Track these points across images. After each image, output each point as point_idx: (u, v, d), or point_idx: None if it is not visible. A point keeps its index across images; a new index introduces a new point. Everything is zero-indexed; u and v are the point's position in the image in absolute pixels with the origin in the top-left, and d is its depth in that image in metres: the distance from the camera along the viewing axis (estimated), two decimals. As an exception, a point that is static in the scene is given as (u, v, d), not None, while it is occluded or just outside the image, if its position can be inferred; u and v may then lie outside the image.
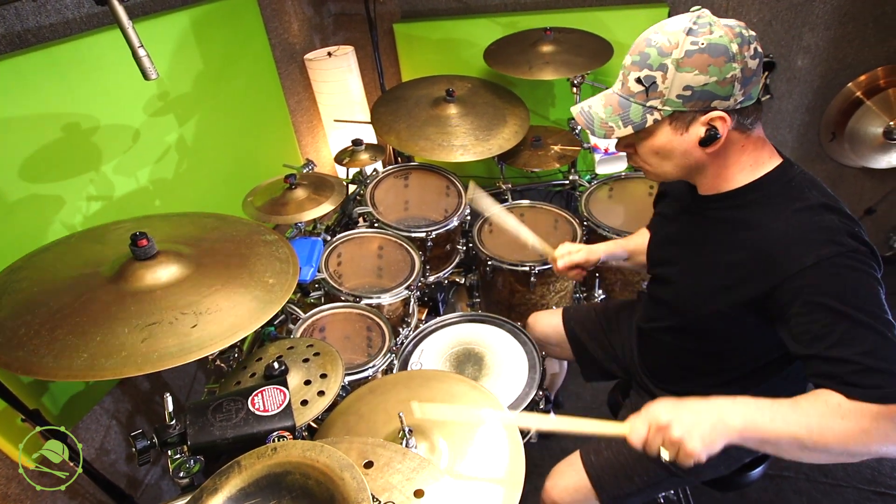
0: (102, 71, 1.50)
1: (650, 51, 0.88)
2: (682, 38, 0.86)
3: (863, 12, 2.11)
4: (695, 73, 0.85)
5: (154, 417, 1.85)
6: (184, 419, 0.84)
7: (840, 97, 2.28)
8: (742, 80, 0.86)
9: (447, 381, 1.23)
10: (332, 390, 1.05)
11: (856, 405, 0.78)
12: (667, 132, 0.92)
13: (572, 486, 1.22)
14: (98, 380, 0.84)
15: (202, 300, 1.00)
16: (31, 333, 0.90)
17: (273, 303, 1.02)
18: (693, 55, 0.85)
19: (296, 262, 1.16)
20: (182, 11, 1.78)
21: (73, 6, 1.49)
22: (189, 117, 1.82)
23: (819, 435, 0.78)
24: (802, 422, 0.79)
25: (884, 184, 2.38)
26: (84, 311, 0.95)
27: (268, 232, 1.28)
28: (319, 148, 2.77)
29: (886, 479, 1.77)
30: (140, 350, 0.88)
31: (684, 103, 0.88)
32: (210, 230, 1.27)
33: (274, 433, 0.84)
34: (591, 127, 0.97)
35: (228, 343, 0.93)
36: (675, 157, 0.95)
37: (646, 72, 0.89)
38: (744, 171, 0.95)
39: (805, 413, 0.80)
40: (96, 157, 1.51)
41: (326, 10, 2.68)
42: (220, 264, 1.11)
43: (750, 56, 0.85)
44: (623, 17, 2.34)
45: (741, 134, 0.92)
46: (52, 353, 0.87)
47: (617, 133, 0.94)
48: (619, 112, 0.93)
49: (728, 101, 0.87)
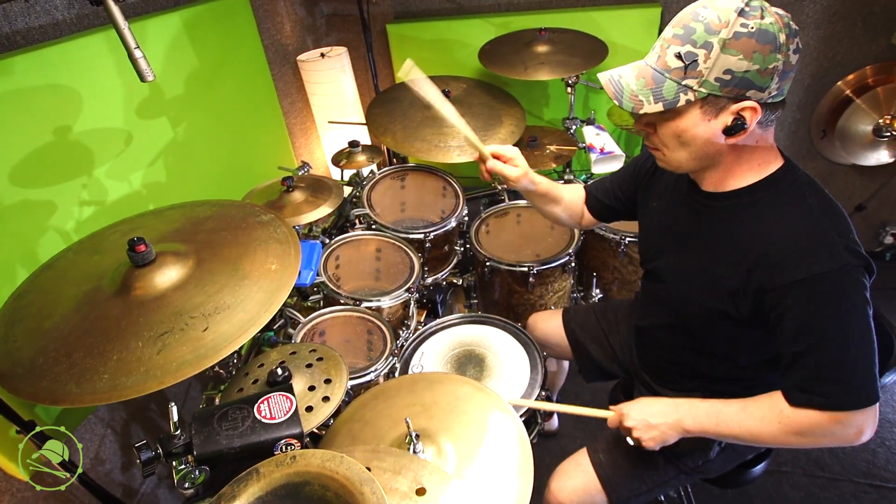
0: (93, 73, 1.48)
1: (696, 25, 0.82)
2: (734, 18, 0.80)
3: (851, 12, 2.14)
4: (739, 58, 0.80)
5: (149, 425, 1.82)
6: (188, 429, 0.83)
7: (830, 95, 2.31)
8: (782, 72, 0.82)
9: (451, 383, 1.22)
10: (336, 395, 1.03)
11: (795, 413, 0.90)
12: (695, 115, 0.87)
13: (581, 486, 1.20)
14: (122, 399, 0.82)
15: (208, 300, 0.97)
16: (49, 362, 0.88)
17: (279, 290, 1.00)
18: (741, 38, 0.80)
19: (296, 241, 1.14)
20: (173, 12, 1.75)
21: (63, 7, 1.46)
22: (182, 119, 1.79)
23: (753, 437, 0.95)
24: (744, 426, 0.95)
25: (873, 181, 2.41)
26: (95, 330, 0.93)
27: (262, 212, 1.24)
28: (313, 150, 2.75)
29: (881, 472, 1.80)
30: (157, 363, 0.86)
31: (721, 87, 0.83)
32: (204, 219, 1.23)
33: (281, 441, 0.83)
34: (620, 98, 0.90)
35: (244, 340, 0.91)
36: (695, 144, 0.90)
37: (688, 48, 0.83)
38: (753, 170, 0.93)
39: (749, 417, 0.95)
40: (88, 162, 1.48)
41: (319, 11, 2.66)
42: (221, 258, 1.08)
43: (793, 50, 0.82)
44: (616, 17, 2.35)
45: (761, 130, 0.89)
46: (74, 378, 0.85)
47: (646, 108, 0.88)
48: (652, 86, 0.87)
49: (763, 92, 0.83)
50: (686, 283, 1.07)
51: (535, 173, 1.26)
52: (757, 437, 0.95)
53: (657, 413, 1.04)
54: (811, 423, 0.89)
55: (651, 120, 0.93)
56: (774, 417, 0.92)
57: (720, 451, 1.18)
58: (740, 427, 0.96)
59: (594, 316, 1.52)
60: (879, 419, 0.91)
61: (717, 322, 1.02)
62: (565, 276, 1.93)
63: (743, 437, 0.96)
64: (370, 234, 1.79)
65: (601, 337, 1.49)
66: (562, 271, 1.90)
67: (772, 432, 0.93)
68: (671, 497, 1.71)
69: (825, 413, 0.88)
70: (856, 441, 0.89)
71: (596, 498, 1.20)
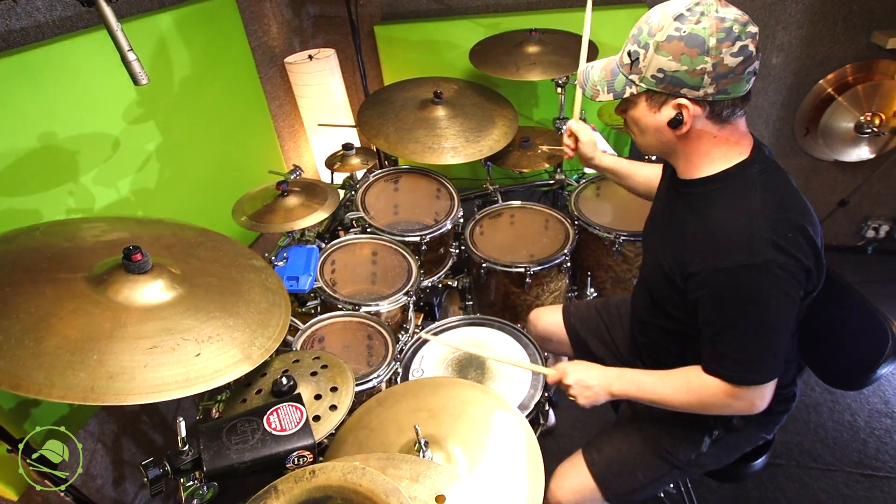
0: (79, 77, 1.43)
1: (644, 27, 0.93)
2: (669, 23, 0.89)
3: (832, 11, 2.19)
4: (669, 59, 0.89)
5: (141, 439, 1.78)
6: (196, 444, 0.80)
7: (812, 94, 2.36)
8: (714, 74, 0.87)
9: (456, 387, 1.21)
10: (344, 403, 1.02)
11: (701, 385, 1.03)
12: (643, 107, 0.98)
13: (577, 486, 1.23)
14: (99, 404, 0.77)
15: (201, 326, 0.94)
16: (11, 342, 0.80)
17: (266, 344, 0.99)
18: (672, 41, 0.88)
19: (286, 297, 1.14)
20: (159, 14, 1.71)
21: (45, 9, 1.42)
22: (170, 124, 1.75)
23: (665, 402, 1.08)
24: (658, 392, 1.08)
25: (855, 176, 2.47)
26: (72, 323, 0.86)
27: (254, 256, 1.23)
28: (302, 153, 2.71)
29: (872, 461, 1.84)
30: (144, 376, 0.82)
31: (657, 84, 0.92)
32: (195, 246, 1.20)
33: (293, 453, 0.80)
34: (585, 86, 1.05)
35: (235, 377, 0.88)
36: (649, 132, 1.00)
37: (635, 47, 0.94)
38: (713, 163, 0.98)
39: (664, 386, 1.08)
40: (74, 168, 1.44)
41: (305, 13, 2.62)
42: (214, 290, 1.05)
43: (731, 53, 0.86)
44: (603, 18, 2.36)
45: (715, 125, 0.95)
46: (42, 367, 0.78)
47: (600, 97, 1.01)
48: (609, 79, 1.00)
49: (697, 91, 0.90)
50: (656, 266, 1.12)
51: (603, 156, 1.49)
52: (668, 403, 1.08)
53: (593, 376, 1.15)
54: (711, 395, 1.02)
55: (622, 108, 1.04)
56: (684, 388, 1.05)
57: (712, 444, 1.20)
58: (655, 393, 1.09)
59: (595, 311, 1.53)
60: (868, 409, 0.97)
61: (681, 305, 1.07)
62: (561, 276, 1.94)
63: (658, 402, 1.09)
64: (366, 237, 1.77)
65: (602, 331, 1.50)
66: (558, 271, 1.90)
67: (680, 400, 1.06)
68: (671, 494, 1.72)
69: (725, 385, 1.00)
70: (748, 412, 1.02)
71: (593, 496, 1.22)
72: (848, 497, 1.75)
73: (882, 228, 2.57)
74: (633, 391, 1.12)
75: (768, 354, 0.97)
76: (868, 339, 1.21)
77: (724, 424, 1.18)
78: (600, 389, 1.14)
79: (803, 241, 0.92)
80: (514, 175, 2.60)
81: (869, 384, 1.23)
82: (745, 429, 1.19)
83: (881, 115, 2.22)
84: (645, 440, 1.23)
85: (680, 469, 1.21)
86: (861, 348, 1.24)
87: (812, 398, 2.05)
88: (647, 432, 1.23)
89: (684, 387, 1.06)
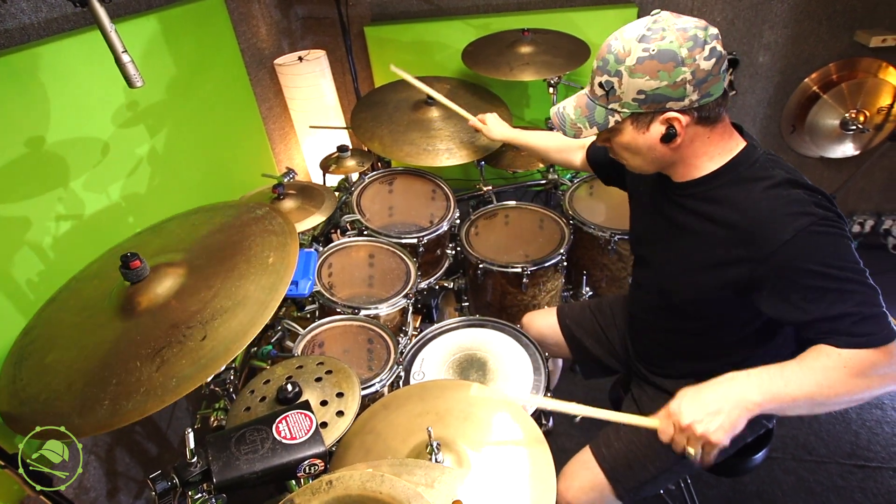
0: (66, 81, 1.39)
1: (609, 57, 0.93)
2: (635, 46, 0.90)
3: (817, 10, 2.23)
4: (646, 79, 0.90)
5: (135, 449, 1.74)
6: (205, 455, 0.78)
7: (798, 92, 2.40)
8: (694, 81, 0.89)
9: (463, 389, 1.20)
10: (351, 409, 1.00)
11: (853, 353, 0.87)
12: (630, 131, 0.98)
13: (587, 484, 1.22)
14: (125, 424, 0.78)
15: (205, 307, 0.94)
16: (52, 397, 0.85)
17: (278, 285, 0.96)
18: (644, 62, 0.89)
19: (293, 229, 1.10)
20: (147, 15, 1.68)
21: (30, 10, 1.38)
22: (160, 128, 1.71)
23: (829, 388, 0.87)
24: (813, 379, 0.88)
25: (840, 172, 2.52)
26: (94, 357, 0.89)
27: (257, 207, 1.20)
28: (293, 156, 2.68)
29: (864, 452, 1.87)
30: (157, 381, 0.83)
31: (640, 105, 0.93)
32: (199, 225, 1.19)
33: (305, 462, 0.79)
34: (564, 128, 1.04)
35: (245, 343, 0.88)
36: (642, 153, 1.00)
37: (605, 77, 0.94)
38: (713, 159, 0.99)
39: (812, 370, 0.88)
40: (64, 174, 1.40)
41: (294, 14, 2.59)
42: (214, 260, 1.04)
43: (704, 57, 0.88)
44: (593, 18, 2.38)
45: (705, 127, 0.96)
46: (76, 410, 0.82)
47: (585, 134, 1.01)
48: (587, 114, 1.00)
49: (682, 101, 0.91)
50: (669, 266, 1.12)
51: (516, 133, 1.68)
52: (829, 390, 0.87)
53: (712, 398, 0.91)
54: (871, 362, 0.86)
55: (605, 137, 1.03)
56: (837, 363, 0.87)
57: None
58: (810, 382, 0.88)
59: (589, 312, 1.54)
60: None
61: (704, 303, 1.07)
62: (557, 276, 1.94)
63: (814, 393, 0.88)
64: (363, 240, 1.75)
65: (598, 331, 1.50)
66: (554, 270, 1.90)
67: (840, 378, 0.87)
68: (671, 492, 1.73)
69: (877, 350, 0.86)
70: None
71: (604, 492, 1.21)
72: (842, 488, 1.78)
73: (867, 223, 2.63)
74: (779, 388, 0.89)
75: (880, 300, 0.88)
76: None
77: None
78: (733, 407, 0.89)
79: (829, 203, 0.93)
80: (507, 175, 2.60)
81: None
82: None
83: (865, 111, 2.27)
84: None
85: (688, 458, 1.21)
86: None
87: (804, 391, 2.08)
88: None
89: (834, 362, 0.87)
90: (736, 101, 2.49)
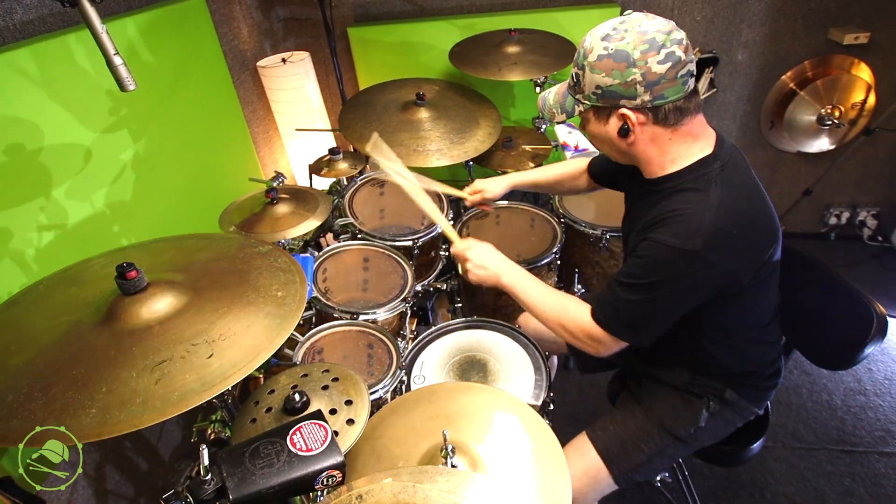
0: (45, 85, 1.34)
1: (580, 51, 1.01)
2: (598, 44, 0.96)
3: (792, 8, 2.29)
4: (602, 75, 0.97)
5: (126, 466, 1.68)
6: (218, 471, 0.75)
7: (776, 89, 2.46)
8: (645, 83, 0.94)
9: (470, 392, 1.19)
10: (361, 417, 0.98)
11: (579, 312, 1.11)
12: (594, 121, 1.06)
13: (583, 469, 1.24)
14: (116, 434, 0.74)
15: (211, 327, 0.92)
16: (20, 399, 0.79)
17: (289, 316, 0.96)
18: (602, 59, 0.96)
19: (300, 269, 1.09)
20: (127, 17, 1.62)
21: (3, 13, 1.31)
22: (143, 133, 1.66)
23: (538, 311, 1.18)
24: (539, 303, 1.17)
25: (817, 167, 2.59)
26: (78, 362, 0.85)
27: (259, 243, 1.19)
28: (277, 159, 2.63)
29: (850, 438, 1.93)
30: (157, 393, 0.80)
31: (598, 99, 1.00)
32: (196, 251, 1.17)
33: (323, 474, 0.77)
34: (543, 112, 1.14)
35: (254, 367, 0.86)
36: (606, 143, 1.08)
37: (576, 69, 1.03)
38: (675, 161, 1.04)
39: (546, 299, 1.17)
40: (45, 182, 1.34)
41: (275, 15, 2.54)
42: (219, 285, 1.03)
43: (657, 61, 0.92)
44: (577, 18, 2.39)
45: (665, 128, 1.00)
46: (53, 414, 0.77)
47: (556, 119, 1.11)
48: (561, 101, 1.09)
49: (634, 100, 0.97)
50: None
51: (517, 177, 1.64)
52: (538, 312, 1.18)
53: (493, 261, 1.25)
54: (575, 322, 1.11)
55: (583, 124, 1.12)
56: (560, 307, 1.15)
57: (710, 417, 1.24)
58: (533, 299, 1.18)
59: None
60: (843, 388, 1.00)
61: None
62: (551, 274, 1.95)
63: (531, 308, 1.19)
64: (357, 244, 1.73)
65: None
66: (547, 269, 1.91)
67: (549, 314, 1.16)
68: (668, 482, 1.75)
69: (592, 324, 1.09)
70: (586, 350, 1.12)
71: (600, 476, 1.23)
72: (832, 474, 1.83)
73: (843, 215, 2.71)
74: (517, 289, 1.20)
75: (646, 320, 1.05)
76: (853, 321, 1.28)
77: (717, 397, 1.22)
78: (492, 274, 1.23)
79: (745, 240, 0.98)
80: (496, 175, 2.59)
81: (857, 363, 1.30)
82: (738, 403, 1.23)
83: (840, 107, 2.34)
84: (647, 416, 1.26)
85: (683, 441, 1.24)
86: (847, 329, 1.30)
87: (791, 381, 2.13)
88: (649, 410, 1.27)
89: (560, 306, 1.15)
90: (717, 99, 2.54)
